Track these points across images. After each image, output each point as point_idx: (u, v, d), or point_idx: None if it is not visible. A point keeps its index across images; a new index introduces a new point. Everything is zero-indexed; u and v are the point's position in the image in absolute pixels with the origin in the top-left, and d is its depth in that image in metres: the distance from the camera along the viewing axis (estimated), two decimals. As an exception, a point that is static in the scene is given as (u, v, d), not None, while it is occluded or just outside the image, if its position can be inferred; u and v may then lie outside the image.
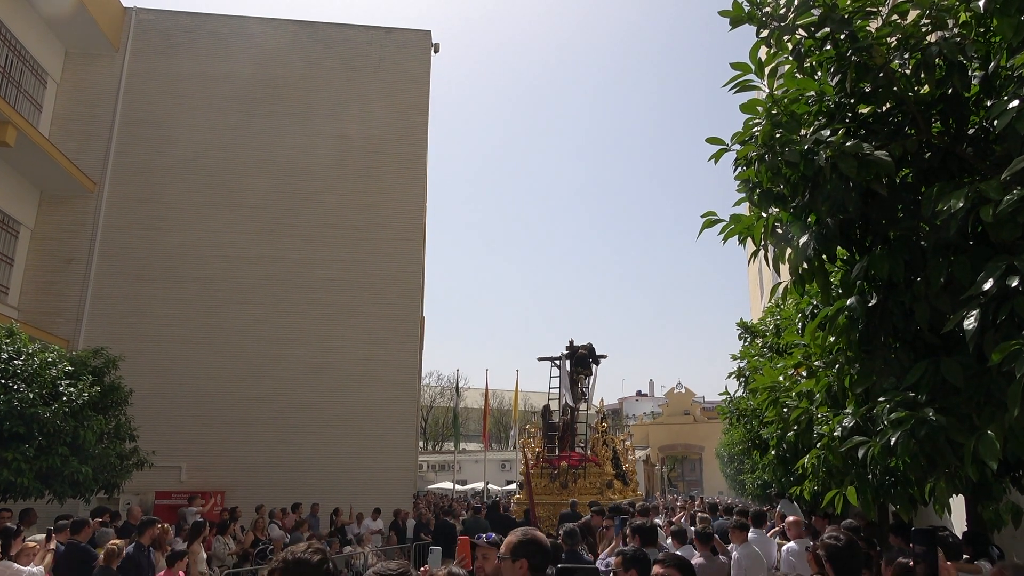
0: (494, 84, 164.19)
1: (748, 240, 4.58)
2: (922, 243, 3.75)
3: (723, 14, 4.01)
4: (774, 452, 8.52)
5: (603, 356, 20.18)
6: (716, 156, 4.41)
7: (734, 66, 4.05)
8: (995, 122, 3.33)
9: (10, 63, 17.21)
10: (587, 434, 19.47)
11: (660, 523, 10.98)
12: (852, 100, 4.09)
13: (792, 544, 7.87)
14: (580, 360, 19.58)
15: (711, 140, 4.37)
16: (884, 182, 3.70)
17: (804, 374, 5.43)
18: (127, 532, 10.27)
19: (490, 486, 34.13)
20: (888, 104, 4.05)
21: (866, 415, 4.01)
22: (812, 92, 4.13)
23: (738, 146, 4.26)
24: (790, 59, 4.08)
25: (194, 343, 18.28)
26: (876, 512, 8.29)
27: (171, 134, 19.66)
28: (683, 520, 13.96)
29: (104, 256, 18.52)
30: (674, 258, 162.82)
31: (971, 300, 3.18)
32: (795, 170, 3.89)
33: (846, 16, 3.77)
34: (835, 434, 4.32)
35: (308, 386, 18.50)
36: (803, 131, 4.02)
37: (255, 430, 17.95)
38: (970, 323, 3.10)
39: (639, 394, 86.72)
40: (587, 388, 19.84)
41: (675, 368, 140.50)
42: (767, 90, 4.18)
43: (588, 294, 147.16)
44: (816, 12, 3.80)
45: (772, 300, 10.10)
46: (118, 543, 7.78)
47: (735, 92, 4.09)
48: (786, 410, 5.51)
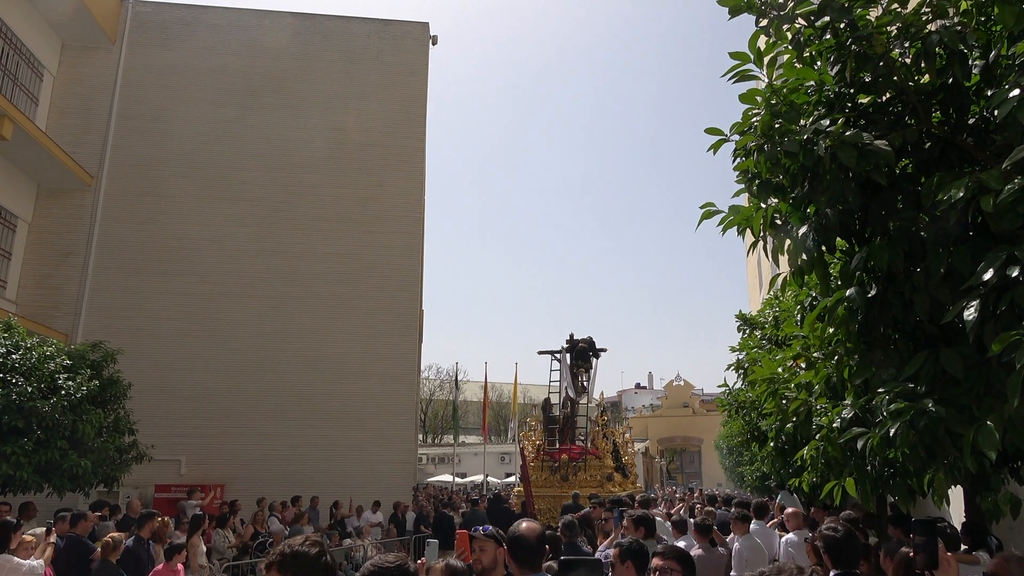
0: (492, 77, 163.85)
1: (747, 231, 4.56)
2: (922, 234, 3.73)
3: (722, 3, 3.97)
4: (773, 444, 8.53)
5: (603, 350, 20.19)
6: (715, 147, 4.38)
7: (733, 56, 4.02)
8: (996, 111, 3.31)
9: (6, 56, 17.13)
10: (587, 427, 19.50)
11: (660, 514, 10.99)
12: (852, 90, 4.06)
13: (791, 535, 7.89)
14: (580, 354, 19.59)
15: (710, 131, 4.35)
16: (884, 172, 3.67)
17: (803, 365, 5.43)
18: (127, 525, 10.29)
19: (489, 479, 34.21)
20: (888, 94, 4.02)
21: (865, 406, 4.00)
22: (811, 82, 4.10)
23: (737, 136, 4.24)
24: (789, 48, 4.05)
25: (193, 337, 18.26)
26: (875, 503, 8.30)
27: (168, 127, 19.59)
28: (682, 511, 13.98)
29: (102, 250, 18.49)
30: (673, 250, 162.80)
31: (971, 290, 3.16)
32: (794, 160, 3.86)
33: (846, 4, 3.74)
34: (834, 425, 4.31)
35: (307, 379, 18.50)
36: (802, 121, 3.99)
37: (254, 423, 17.96)
38: (970, 313, 3.08)
39: (638, 387, 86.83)
40: (587, 382, 19.87)
41: (674, 361, 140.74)
42: (766, 80, 4.15)
43: (587, 286, 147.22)
44: (816, 1, 3.77)
45: (771, 292, 10.09)
46: (116, 536, 7.78)
47: (734, 82, 4.06)
48: (785, 402, 5.51)
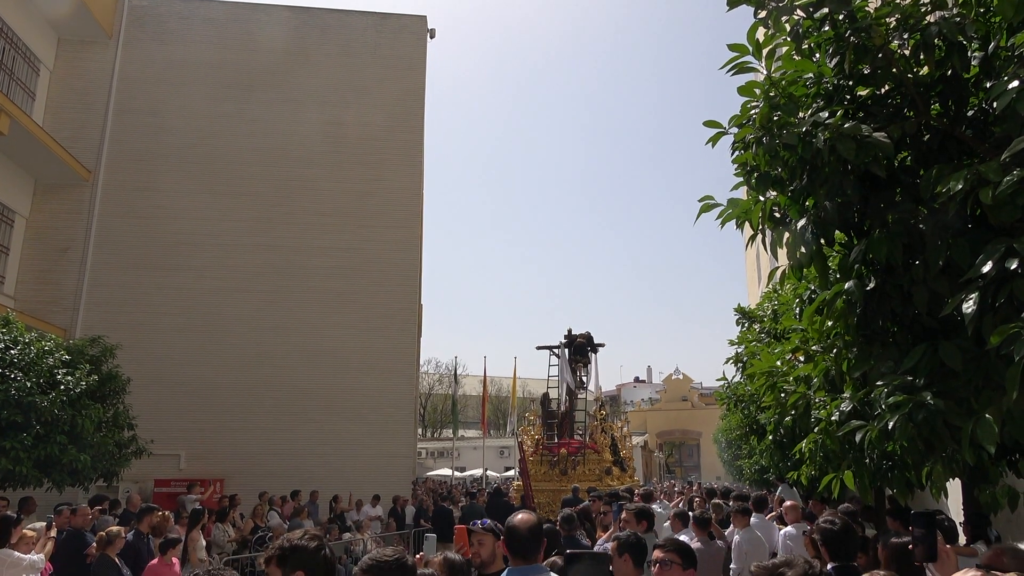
0: (491, 70, 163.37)
1: (746, 224, 4.55)
2: (921, 226, 3.72)
3: (721, -5, 3.96)
4: (772, 437, 8.55)
5: (601, 345, 20.27)
6: (713, 139, 4.37)
7: (732, 48, 4.01)
8: (995, 103, 3.29)
9: (2, 51, 17.06)
10: (586, 422, 19.55)
11: (657, 507, 11.01)
12: (851, 82, 4.05)
13: (790, 528, 7.92)
14: (578, 349, 19.66)
15: (708, 123, 4.33)
16: (883, 165, 3.67)
17: (802, 359, 5.42)
18: (127, 520, 10.31)
19: (488, 472, 34.27)
20: (887, 86, 4.01)
21: (864, 399, 4.00)
22: (810, 74, 4.08)
23: (736, 129, 4.22)
24: (788, 40, 4.04)
25: (191, 331, 18.25)
26: (873, 496, 8.32)
27: (166, 122, 19.53)
28: (681, 505, 14.02)
29: (100, 245, 18.46)
30: (671, 244, 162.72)
31: (970, 283, 3.16)
32: (793, 153, 3.85)
33: (845, -4, 3.72)
34: (833, 418, 4.31)
35: (306, 374, 18.50)
36: (801, 113, 3.98)
37: (254, 418, 17.97)
38: (969, 306, 3.08)
39: (637, 380, 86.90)
40: (585, 376, 19.93)
41: (673, 354, 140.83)
42: (765, 72, 4.14)
43: (586, 280, 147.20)
44: (815, -8, 3.75)
45: (770, 285, 10.09)
46: (114, 529, 7.78)
47: (733, 74, 4.05)
48: (784, 395, 5.51)
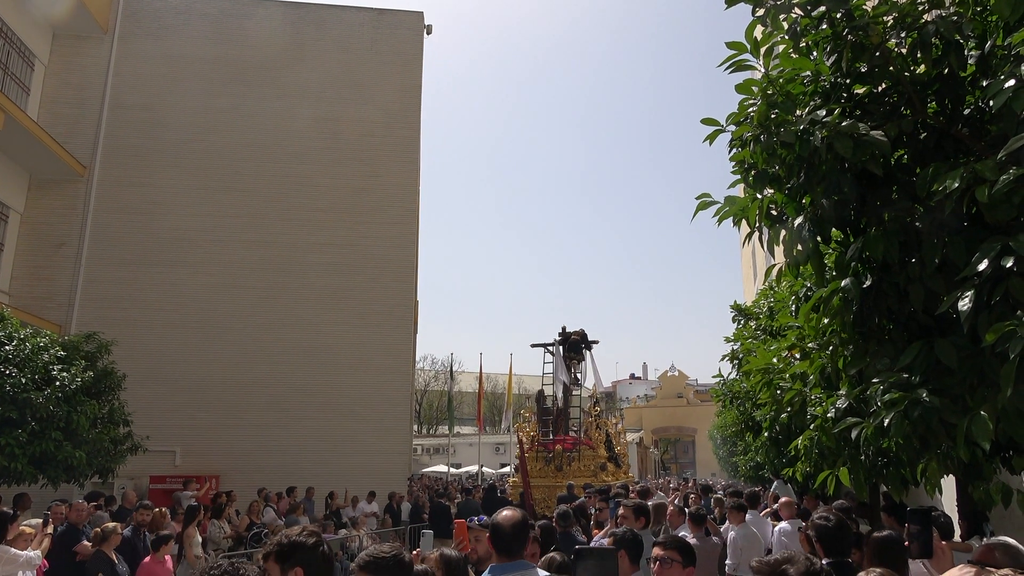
0: (487, 66, 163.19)
1: (743, 222, 4.56)
2: (917, 224, 3.74)
3: (719, -8, 3.96)
4: (767, 434, 8.58)
5: (595, 342, 20.35)
6: (711, 137, 4.37)
7: (730, 46, 4.01)
8: (991, 102, 3.30)
9: (-4, 45, 16.98)
10: (581, 418, 19.61)
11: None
12: (848, 80, 4.05)
13: (784, 524, 7.95)
14: (573, 346, 19.72)
15: (706, 121, 4.34)
16: (880, 163, 3.68)
17: (798, 356, 5.44)
18: (122, 516, 10.30)
19: (484, 469, 34.30)
20: (884, 84, 4.01)
21: (860, 396, 4.02)
22: (808, 72, 4.09)
23: (733, 127, 4.23)
24: (786, 38, 4.04)
25: (187, 328, 18.22)
26: (868, 493, 8.35)
27: (162, 117, 19.46)
28: (676, 501, 14.06)
29: (95, 240, 18.40)
30: (667, 240, 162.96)
31: (966, 281, 3.17)
32: (791, 151, 3.86)
33: (842, -6, 3.72)
34: (829, 415, 4.33)
35: (302, 370, 18.49)
36: (798, 111, 3.99)
37: (249, 414, 17.96)
38: (964, 304, 3.09)
39: (632, 377, 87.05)
40: (580, 373, 20.00)
41: (668, 351, 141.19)
42: (763, 70, 4.14)
43: (582, 277, 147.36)
44: (812, -10, 3.76)
45: (766, 282, 10.12)
46: (110, 525, 7.77)
47: (731, 72, 4.05)
48: (780, 392, 5.52)
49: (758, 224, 4.38)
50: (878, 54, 3.75)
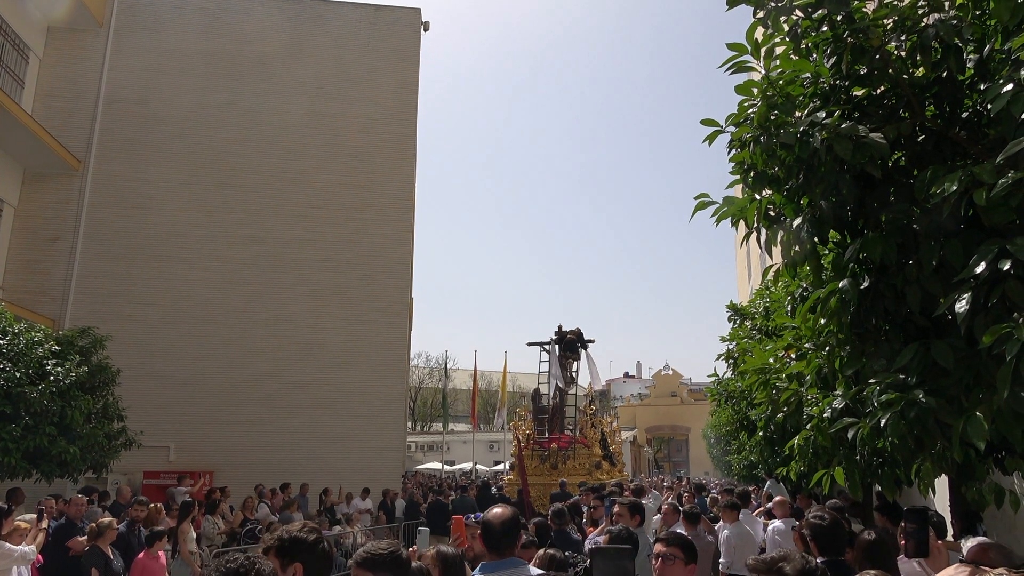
0: (485, 64, 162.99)
1: (740, 223, 4.58)
2: (914, 226, 3.76)
3: (720, -7, 3.98)
4: (762, 433, 8.61)
5: (591, 341, 20.38)
6: (710, 138, 4.39)
7: (731, 47, 4.02)
8: (989, 106, 3.33)
9: (-9, 37, 16.88)
10: (576, 417, 19.65)
11: (649, 502, 11.09)
12: (847, 82, 4.07)
13: (778, 523, 8.00)
14: (568, 345, 19.76)
15: (705, 122, 4.35)
16: (878, 165, 3.70)
17: (794, 356, 5.47)
18: (116, 511, 10.28)
19: (478, 466, 34.33)
20: (883, 87, 4.04)
21: (856, 397, 4.04)
22: (807, 74, 4.11)
23: (733, 128, 4.24)
24: (786, 40, 4.06)
25: (182, 323, 18.17)
26: (862, 492, 8.40)
27: (157, 112, 19.38)
28: (670, 500, 14.11)
29: (89, 235, 18.32)
30: (663, 240, 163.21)
31: (963, 283, 3.19)
32: (790, 152, 3.88)
33: (843, -3, 3.74)
34: (825, 415, 4.35)
35: (297, 367, 18.47)
36: (798, 113, 4.01)
37: (244, 410, 17.92)
38: (961, 306, 3.11)
39: (627, 375, 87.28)
40: (575, 372, 20.06)
41: (662, 349, 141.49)
42: (763, 71, 4.16)
43: (577, 275, 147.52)
44: (813, -7, 3.77)
45: (764, 282, 10.15)
46: (105, 520, 7.76)
47: (731, 73, 4.07)
48: (776, 392, 5.55)
49: (756, 225, 4.39)
50: (878, 57, 3.78)
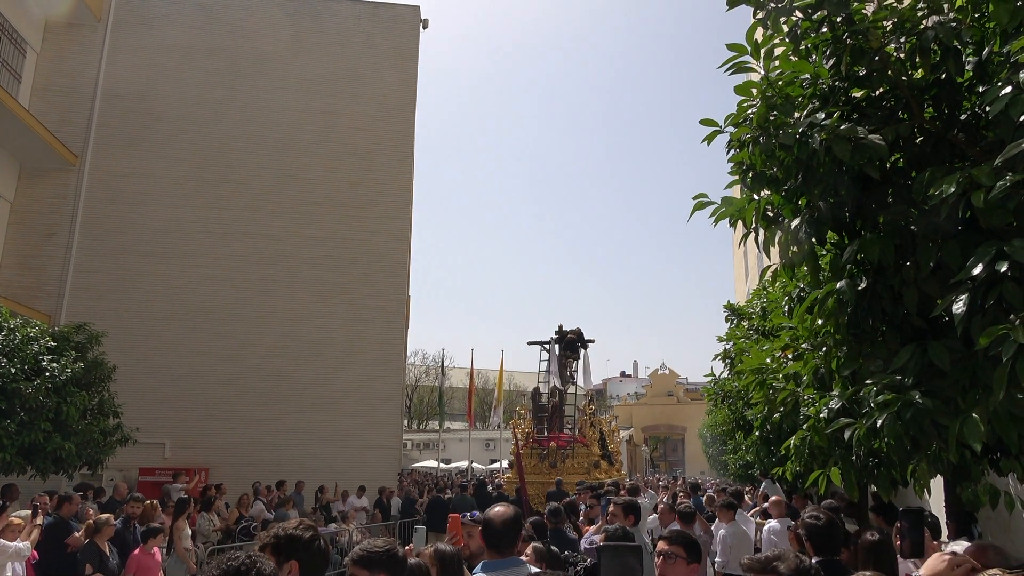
0: (483, 62, 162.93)
1: (738, 223, 4.58)
2: (912, 228, 3.77)
3: (720, -6, 3.98)
4: (758, 433, 8.63)
5: (591, 341, 20.40)
6: (709, 138, 4.40)
7: (731, 47, 4.03)
8: (987, 108, 3.33)
9: (-12, 31, 16.81)
10: (575, 416, 19.67)
11: (645, 501, 11.12)
12: (846, 83, 4.08)
13: (774, 523, 8.03)
14: (569, 344, 19.78)
15: (705, 122, 4.36)
16: (876, 166, 3.71)
17: (791, 356, 5.47)
18: (111, 508, 10.27)
19: (474, 465, 34.33)
20: (882, 88, 4.04)
21: (853, 397, 4.06)
22: (807, 75, 4.12)
23: (732, 128, 4.25)
24: (786, 41, 4.06)
25: (178, 320, 18.13)
26: (858, 493, 8.42)
27: (155, 107, 19.32)
28: (665, 499, 14.13)
29: (86, 230, 18.26)
30: (659, 240, 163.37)
31: (960, 285, 3.20)
32: (789, 153, 3.89)
33: (843, -2, 3.75)
34: (821, 416, 4.36)
35: (293, 364, 18.44)
36: (797, 114, 4.02)
37: (240, 407, 17.89)
38: (958, 307, 3.12)
39: (623, 375, 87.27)
40: (575, 372, 20.06)
41: (659, 349, 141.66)
42: (763, 72, 4.16)
43: (574, 274, 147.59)
44: (813, -6, 3.78)
45: (761, 282, 10.18)
46: (101, 517, 7.75)
47: (731, 73, 4.08)
48: (772, 392, 5.56)
49: (755, 225, 4.40)
50: (877, 58, 3.78)
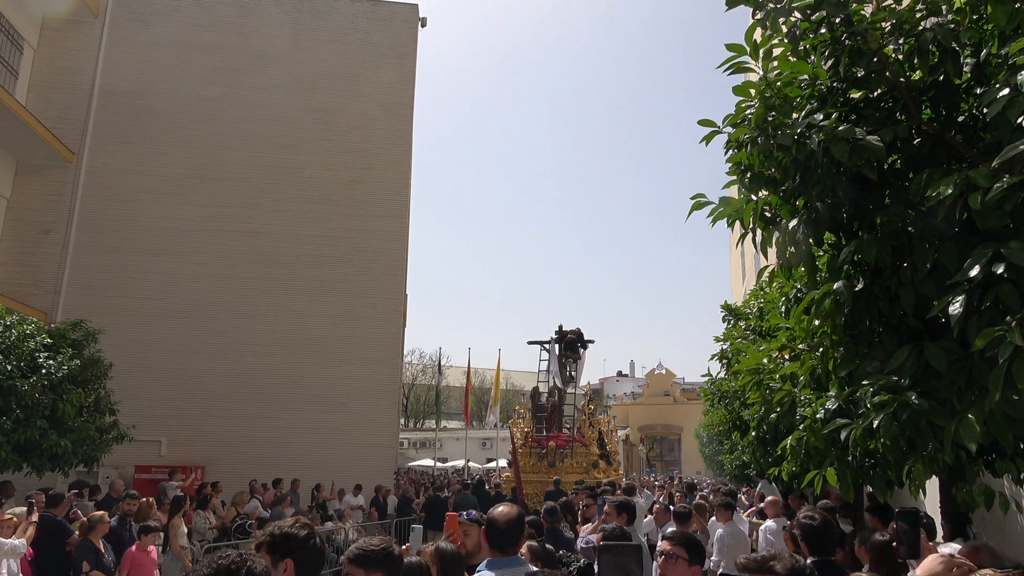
0: (480, 60, 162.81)
1: (736, 223, 4.59)
2: (909, 229, 3.78)
3: (719, -6, 3.98)
4: (755, 433, 8.64)
5: (591, 341, 20.42)
6: (707, 138, 4.40)
7: (729, 47, 4.03)
8: (985, 110, 3.34)
9: (-15, 27, 16.75)
10: (574, 416, 19.69)
11: (639, 499, 11.13)
12: (845, 84, 4.09)
13: (770, 523, 8.04)
14: (569, 344, 19.79)
15: (703, 122, 4.37)
16: (874, 168, 3.71)
17: (788, 357, 5.48)
18: (107, 505, 10.25)
19: (471, 464, 34.32)
20: (880, 89, 4.05)
21: (849, 398, 4.06)
22: (805, 76, 4.12)
23: (730, 128, 4.25)
24: (784, 42, 4.07)
25: (175, 317, 18.09)
26: (853, 493, 8.45)
27: (152, 104, 19.27)
28: (662, 499, 14.15)
29: (82, 228, 18.21)
30: (657, 239, 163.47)
31: (956, 286, 3.21)
32: (787, 153, 3.89)
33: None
34: (818, 416, 4.37)
35: (290, 362, 18.41)
36: (795, 115, 4.02)
37: (236, 405, 17.86)
38: (955, 309, 3.13)
39: (620, 374, 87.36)
40: (575, 372, 20.07)
41: (656, 349, 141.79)
42: (761, 72, 4.17)
43: (571, 274, 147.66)
44: (812, -5, 3.78)
45: (758, 283, 10.19)
46: (96, 514, 7.73)
47: (730, 73, 4.08)
48: (769, 392, 5.57)
49: (752, 225, 4.41)
50: (875, 59, 3.79)
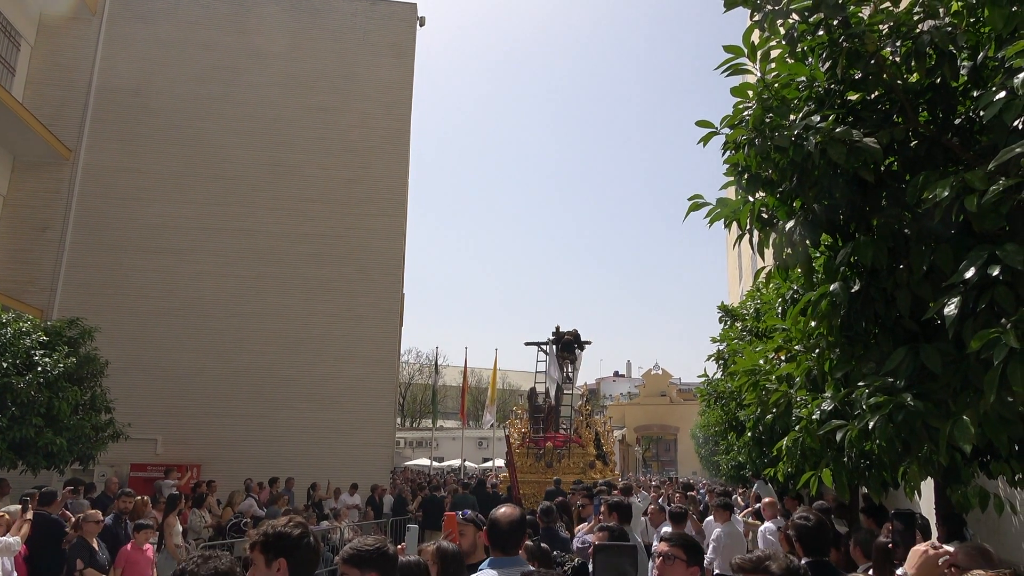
0: (479, 59, 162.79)
1: (733, 224, 4.59)
2: (906, 231, 3.79)
3: (717, -5, 3.99)
4: (751, 434, 8.66)
5: (588, 342, 20.44)
6: (705, 139, 4.41)
7: (727, 49, 4.04)
8: (982, 112, 3.35)
9: (-18, 24, 16.70)
10: (571, 416, 19.70)
11: (636, 500, 11.13)
12: (842, 86, 4.10)
13: (769, 524, 8.06)
14: (566, 345, 19.81)
15: (701, 123, 4.37)
16: (871, 169, 3.72)
17: (784, 358, 5.49)
18: (102, 503, 10.23)
19: (467, 463, 34.30)
20: (877, 91, 4.06)
21: (845, 399, 4.07)
22: (803, 77, 4.13)
23: (728, 130, 4.26)
24: (782, 43, 4.07)
25: (172, 315, 18.06)
26: (849, 494, 8.46)
27: (150, 102, 19.24)
28: (659, 500, 14.18)
29: (79, 225, 18.18)
30: (653, 240, 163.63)
31: (952, 288, 3.22)
32: (784, 155, 3.90)
33: (840, 1, 3.76)
34: (814, 417, 4.38)
35: (287, 361, 18.40)
36: (793, 116, 4.03)
37: (232, 404, 17.84)
38: (950, 310, 3.14)
39: (616, 375, 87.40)
40: (572, 372, 20.09)
41: (652, 349, 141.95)
42: (759, 74, 4.17)
43: (568, 274, 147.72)
44: (810, -3, 3.79)
45: (755, 284, 10.20)
46: (90, 513, 7.71)
47: (727, 75, 4.09)
48: (765, 393, 5.57)
49: (749, 227, 4.41)
50: (873, 62, 3.79)
